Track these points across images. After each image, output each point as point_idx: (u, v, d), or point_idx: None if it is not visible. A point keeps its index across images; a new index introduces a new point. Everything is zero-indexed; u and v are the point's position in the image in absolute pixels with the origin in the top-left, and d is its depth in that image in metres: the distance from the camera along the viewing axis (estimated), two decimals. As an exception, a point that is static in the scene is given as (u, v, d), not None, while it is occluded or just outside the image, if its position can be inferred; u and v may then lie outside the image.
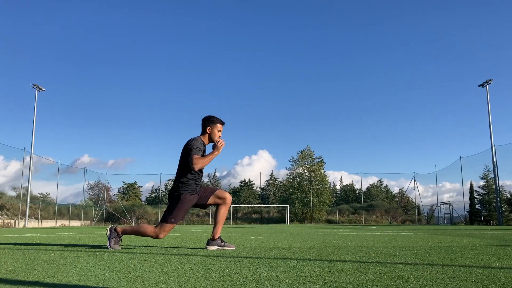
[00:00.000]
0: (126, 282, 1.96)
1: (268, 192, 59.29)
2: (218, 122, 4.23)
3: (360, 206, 44.76)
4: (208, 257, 3.24)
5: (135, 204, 45.87)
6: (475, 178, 35.53)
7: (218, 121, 4.24)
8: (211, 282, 1.97)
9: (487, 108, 29.48)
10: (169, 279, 2.05)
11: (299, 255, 3.42)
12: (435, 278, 2.07)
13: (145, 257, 3.23)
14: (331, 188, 50.78)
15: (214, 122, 4.22)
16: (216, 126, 4.21)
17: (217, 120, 4.23)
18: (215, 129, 4.20)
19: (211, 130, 4.20)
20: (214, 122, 4.22)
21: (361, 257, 3.22)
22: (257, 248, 4.22)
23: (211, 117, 4.24)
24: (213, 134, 4.20)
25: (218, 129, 4.23)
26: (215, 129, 4.20)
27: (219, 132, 4.24)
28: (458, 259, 3.06)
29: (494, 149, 28.99)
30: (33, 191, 32.02)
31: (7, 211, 29.80)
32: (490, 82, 29.90)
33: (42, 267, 2.55)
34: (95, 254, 3.48)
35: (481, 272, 2.32)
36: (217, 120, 4.24)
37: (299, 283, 1.94)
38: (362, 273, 2.25)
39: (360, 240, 5.96)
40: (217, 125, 4.22)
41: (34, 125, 28.52)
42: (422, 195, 45.74)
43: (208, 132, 4.20)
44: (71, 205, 37.72)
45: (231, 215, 41.52)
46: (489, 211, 32.17)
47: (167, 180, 56.46)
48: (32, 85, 29.12)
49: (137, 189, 57.24)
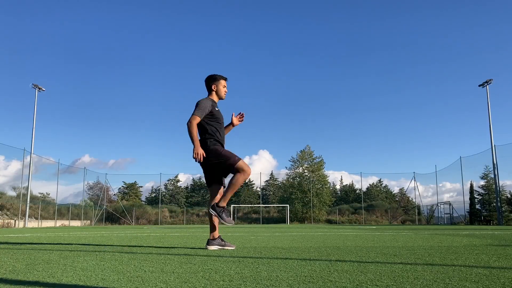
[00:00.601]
0: (126, 282, 1.96)
1: (268, 192, 59.27)
2: (221, 78, 4.36)
3: (360, 206, 44.77)
4: (208, 257, 3.23)
5: (135, 204, 45.86)
6: (475, 178, 35.58)
7: (221, 77, 4.36)
8: (211, 282, 1.97)
9: (487, 108, 29.53)
10: (169, 279, 2.05)
11: (299, 255, 3.42)
12: (435, 278, 2.07)
13: (145, 257, 3.23)
14: (331, 188, 50.79)
15: (217, 79, 4.33)
16: (220, 82, 4.34)
17: (219, 77, 4.35)
18: (220, 85, 4.33)
19: (216, 87, 4.32)
20: (217, 79, 4.34)
21: (361, 257, 3.22)
22: (257, 248, 4.22)
23: (214, 75, 4.35)
24: (219, 91, 4.33)
25: (223, 84, 4.35)
26: (220, 85, 4.33)
27: (224, 88, 4.37)
28: (458, 259, 3.06)
29: (494, 149, 28.98)
30: (33, 191, 32.07)
31: (7, 211, 29.81)
32: (490, 82, 29.90)
33: (42, 267, 2.55)
34: (95, 254, 3.48)
35: (481, 272, 2.32)
36: (219, 76, 4.36)
37: (299, 283, 1.94)
38: (362, 273, 2.25)
39: (360, 240, 5.96)
40: (221, 81, 4.35)
41: (34, 125, 28.56)
42: (422, 195, 45.77)
43: (214, 89, 4.32)
44: (71, 205, 37.72)
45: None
46: (489, 211, 32.17)
47: (167, 180, 56.60)
48: (32, 85, 29.14)
49: (137, 189, 57.21)
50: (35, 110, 28.76)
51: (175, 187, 57.18)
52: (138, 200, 53.70)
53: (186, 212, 44.99)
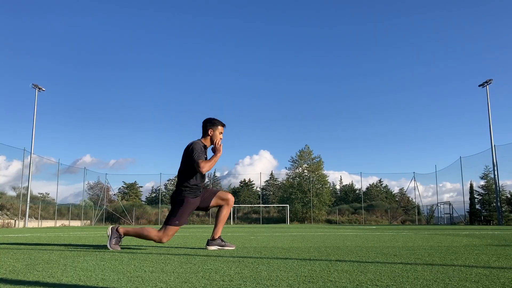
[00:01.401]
0: (126, 282, 1.96)
1: (268, 192, 59.28)
2: (219, 124, 4.23)
3: (360, 206, 44.76)
4: (208, 257, 3.23)
5: (135, 204, 45.86)
6: (475, 178, 35.58)
7: (219, 123, 4.24)
8: (211, 282, 1.97)
9: (487, 108, 29.54)
10: (169, 279, 2.05)
11: (299, 255, 3.42)
12: (435, 278, 2.07)
13: (145, 257, 3.23)
14: (331, 188, 50.78)
15: (215, 124, 4.21)
16: (218, 128, 4.21)
17: (218, 122, 4.23)
18: (216, 131, 4.20)
19: (212, 133, 4.19)
20: (215, 124, 4.21)
21: (361, 257, 3.22)
22: (257, 248, 4.22)
23: (212, 119, 4.24)
24: (214, 136, 4.19)
25: (220, 131, 4.22)
26: (216, 131, 4.20)
27: (221, 134, 4.23)
28: (458, 259, 3.06)
29: (494, 149, 28.99)
30: (33, 191, 32.05)
31: (7, 211, 29.80)
32: (490, 82, 29.90)
33: (42, 267, 2.55)
34: (95, 254, 3.48)
35: (481, 272, 2.32)
36: (218, 122, 4.24)
37: (299, 283, 1.94)
38: (362, 273, 2.25)
39: (360, 240, 5.96)
40: (219, 127, 4.22)
41: (34, 125, 28.55)
42: (422, 195, 45.76)
43: (210, 134, 4.19)
44: (71, 205, 37.72)
45: (231, 215, 41.49)
46: (489, 211, 32.16)
47: (167, 180, 56.56)
48: (32, 85, 29.13)
49: (137, 189, 57.24)
50: (35, 110, 28.78)
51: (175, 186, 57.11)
52: (138, 200, 53.71)
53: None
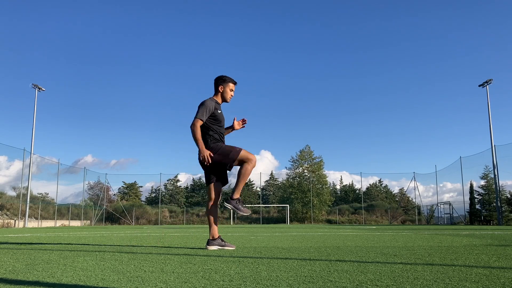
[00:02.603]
0: (126, 282, 1.96)
1: (268, 192, 59.29)
2: (230, 81, 4.34)
3: (360, 206, 44.78)
4: (208, 257, 3.23)
5: (135, 204, 45.86)
6: (475, 178, 35.58)
7: (230, 80, 4.35)
8: (211, 282, 1.97)
9: (487, 108, 29.53)
10: (169, 279, 2.05)
11: (299, 255, 3.42)
12: (435, 278, 2.07)
13: (145, 257, 3.23)
14: (331, 188, 50.80)
15: (226, 81, 4.32)
16: (228, 85, 4.33)
17: (229, 79, 4.34)
18: (227, 88, 4.32)
19: (223, 89, 4.31)
20: (226, 81, 4.32)
21: (361, 257, 3.22)
22: (257, 248, 4.22)
23: (223, 76, 4.34)
24: (225, 93, 4.32)
25: (230, 88, 4.34)
26: (227, 88, 4.32)
27: (231, 92, 4.36)
28: (458, 259, 3.06)
29: (494, 149, 28.99)
30: (33, 191, 32.06)
31: (7, 211, 29.81)
32: (490, 82, 29.90)
33: (42, 267, 2.55)
34: (95, 254, 3.48)
35: (481, 272, 2.32)
36: (229, 79, 4.34)
37: (299, 283, 1.94)
38: (362, 273, 2.25)
39: (360, 240, 5.96)
40: (229, 84, 4.33)
41: (34, 125, 28.56)
42: (422, 195, 45.82)
43: (221, 90, 4.31)
44: (71, 205, 37.72)
45: (231, 215, 41.53)
46: (489, 211, 32.16)
47: (167, 180, 56.58)
48: (32, 85, 29.14)
49: (137, 189, 57.22)
50: (35, 110, 28.79)
51: (175, 187, 57.18)
52: (138, 200, 53.70)
53: (186, 212, 45.00)
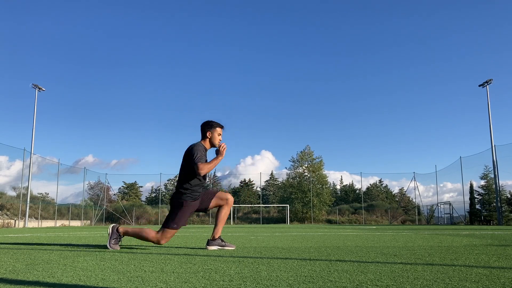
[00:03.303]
0: (126, 282, 1.96)
1: (268, 192, 59.28)
2: (217, 126, 4.23)
3: (360, 206, 44.76)
4: (208, 257, 3.23)
5: (135, 204, 45.85)
6: (475, 178, 35.57)
7: (217, 125, 4.24)
8: (211, 282, 1.97)
9: (487, 108, 29.50)
10: (169, 279, 2.05)
11: (299, 255, 3.42)
12: (435, 278, 2.07)
13: (145, 257, 3.23)
14: (331, 188, 50.78)
15: (213, 127, 4.21)
16: (216, 130, 4.21)
17: (216, 124, 4.23)
18: (215, 133, 4.21)
19: (211, 135, 4.20)
20: (213, 126, 4.21)
21: (361, 257, 3.22)
22: (257, 248, 4.22)
23: (210, 122, 4.24)
24: (213, 138, 4.20)
25: (218, 132, 4.23)
26: (215, 133, 4.21)
27: (219, 136, 4.24)
28: (458, 259, 3.06)
29: (494, 149, 28.97)
30: (33, 191, 32.05)
31: (7, 211, 29.80)
32: (490, 82, 29.88)
33: (42, 267, 2.55)
34: (95, 254, 3.48)
35: (481, 272, 2.32)
36: (216, 124, 4.24)
37: (299, 283, 1.94)
38: (362, 273, 2.25)
39: (360, 240, 5.96)
40: (217, 129, 4.22)
41: (34, 125, 28.54)
42: (422, 195, 45.82)
43: (209, 136, 4.20)
44: (71, 205, 37.71)
45: (231, 215, 41.49)
46: (489, 211, 32.14)
47: (167, 180, 56.59)
48: (32, 85, 29.13)
49: (137, 189, 57.24)
50: (35, 110, 28.76)
51: (175, 187, 57.14)
52: (138, 200, 53.70)
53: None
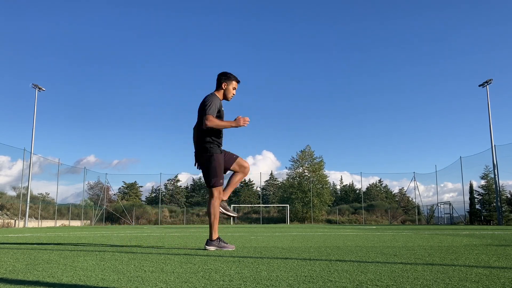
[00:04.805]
0: (126, 282, 1.96)
1: (268, 192, 59.27)
2: (234, 79, 4.23)
3: (360, 206, 44.76)
4: (208, 257, 3.23)
5: (135, 204, 45.84)
6: (475, 178, 35.59)
7: (234, 78, 4.23)
8: (211, 282, 1.97)
9: (487, 108, 29.51)
10: (169, 279, 2.05)
11: (299, 255, 3.42)
12: (435, 278, 2.07)
13: (145, 257, 3.23)
14: (331, 188, 50.77)
15: (230, 78, 4.21)
16: (232, 83, 4.21)
17: (233, 77, 4.23)
18: (230, 86, 4.20)
19: (226, 86, 4.20)
20: (230, 78, 4.21)
21: (361, 257, 3.22)
22: (257, 248, 4.22)
23: (227, 73, 4.23)
24: (227, 91, 4.20)
25: (233, 86, 4.23)
26: (230, 86, 4.20)
27: (234, 90, 4.24)
28: (458, 259, 3.06)
29: (494, 149, 28.97)
30: (33, 191, 32.05)
31: (7, 211, 29.81)
32: (490, 82, 29.88)
33: (42, 267, 2.55)
34: (95, 254, 3.48)
35: (482, 272, 2.32)
36: (233, 77, 4.23)
37: (299, 283, 1.94)
38: (362, 273, 2.25)
39: (360, 240, 5.96)
40: (233, 82, 4.22)
41: (34, 125, 28.56)
42: (423, 195, 45.82)
43: (224, 87, 4.19)
44: (71, 205, 37.71)
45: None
46: (489, 211, 32.15)
47: (167, 180, 56.60)
48: (32, 85, 29.13)
49: (137, 189, 57.21)
50: (35, 110, 28.79)
51: (175, 187, 57.17)
52: (138, 200, 53.69)
53: (186, 212, 44.98)
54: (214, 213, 4.07)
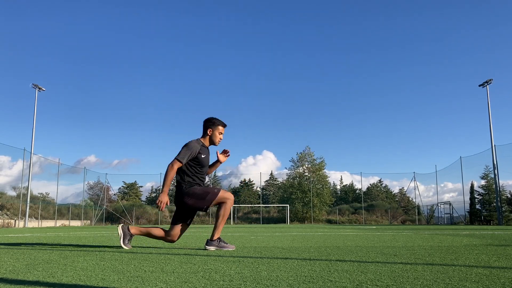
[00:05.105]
0: (126, 282, 1.96)
1: (268, 192, 59.28)
2: (219, 124, 4.19)
3: (360, 206, 44.76)
4: (208, 257, 3.23)
5: (135, 204, 45.83)
6: (475, 178, 35.57)
7: (220, 123, 4.19)
8: (211, 282, 1.97)
9: (487, 108, 29.52)
10: (169, 279, 2.05)
11: (299, 255, 3.42)
12: (435, 278, 2.07)
13: (145, 257, 3.23)
14: (332, 188, 50.77)
15: (215, 124, 4.17)
16: (218, 128, 4.18)
17: (218, 122, 4.18)
18: (216, 131, 4.17)
19: (212, 132, 4.17)
20: (215, 124, 4.17)
21: (361, 257, 3.22)
22: (257, 248, 4.22)
23: (213, 119, 4.19)
24: (214, 136, 4.18)
25: (219, 131, 4.19)
26: (216, 131, 4.17)
27: (220, 135, 4.21)
28: (458, 259, 3.06)
29: (494, 149, 28.97)
30: (33, 191, 32.05)
31: (7, 211, 29.80)
32: (490, 82, 29.88)
33: (42, 267, 2.55)
34: (95, 254, 3.48)
35: (482, 272, 2.32)
36: (219, 122, 4.19)
37: (299, 283, 1.93)
38: (362, 273, 2.25)
39: (360, 240, 5.96)
40: (218, 127, 4.18)
41: (34, 125, 28.55)
42: (423, 195, 45.81)
43: (209, 134, 4.17)
44: (71, 205, 37.71)
45: (231, 215, 41.49)
46: (489, 211, 32.15)
47: (167, 180, 56.42)
48: (32, 85, 29.13)
49: (137, 189, 57.23)
50: (35, 110, 28.78)
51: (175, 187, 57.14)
52: (138, 200, 53.69)
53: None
54: (224, 215, 4.02)
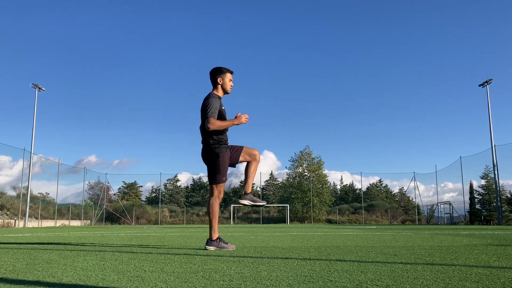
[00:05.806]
0: (126, 282, 1.96)
1: (268, 192, 59.28)
2: (226, 71, 4.19)
3: (360, 206, 44.77)
4: (208, 257, 3.23)
5: (135, 204, 45.85)
6: (475, 178, 35.60)
7: (227, 70, 4.20)
8: (211, 282, 1.97)
9: (487, 108, 29.54)
10: (169, 279, 2.05)
11: (299, 255, 3.42)
12: (435, 278, 2.07)
13: (145, 256, 3.23)
14: (331, 188, 50.76)
15: (223, 72, 4.18)
16: (226, 76, 4.18)
17: (225, 70, 4.19)
18: (226, 79, 4.18)
19: (222, 81, 4.17)
20: (223, 71, 4.18)
21: (361, 257, 3.21)
22: (257, 248, 4.22)
23: (219, 68, 4.20)
24: (225, 84, 4.18)
25: (229, 78, 4.20)
26: (226, 79, 4.18)
27: (230, 82, 4.22)
28: (458, 259, 3.06)
29: (494, 149, 28.98)
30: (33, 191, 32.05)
31: (7, 211, 29.81)
32: (490, 82, 29.90)
33: (42, 267, 2.55)
34: (95, 254, 3.48)
35: (482, 272, 2.32)
36: (226, 69, 4.20)
37: (299, 283, 1.93)
38: (362, 273, 2.25)
39: (360, 240, 5.96)
40: (227, 74, 4.19)
41: (34, 125, 28.58)
42: (423, 195, 45.79)
43: (220, 83, 4.17)
44: (71, 205, 37.71)
45: (231, 215, 41.53)
46: (489, 211, 32.15)
47: (167, 180, 56.55)
48: (32, 85, 29.14)
49: (137, 189, 57.19)
50: (35, 110, 28.81)
51: (175, 187, 57.16)
52: (138, 200, 53.68)
53: (186, 212, 44.98)
54: (213, 212, 4.07)
